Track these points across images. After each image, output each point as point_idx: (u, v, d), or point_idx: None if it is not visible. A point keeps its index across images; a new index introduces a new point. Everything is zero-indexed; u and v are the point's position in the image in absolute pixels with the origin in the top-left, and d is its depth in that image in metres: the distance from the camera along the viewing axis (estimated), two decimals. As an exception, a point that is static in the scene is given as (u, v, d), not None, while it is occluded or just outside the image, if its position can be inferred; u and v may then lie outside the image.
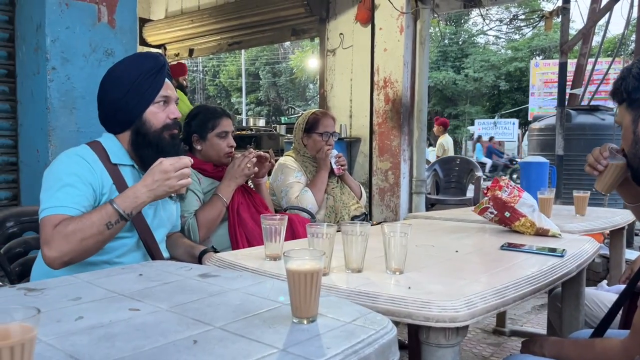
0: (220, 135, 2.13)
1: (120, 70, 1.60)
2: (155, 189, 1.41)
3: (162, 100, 1.59)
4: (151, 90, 1.57)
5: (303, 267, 0.86)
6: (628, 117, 1.26)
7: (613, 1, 4.78)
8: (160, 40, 6.81)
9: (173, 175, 1.42)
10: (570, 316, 1.71)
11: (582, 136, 5.13)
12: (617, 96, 1.30)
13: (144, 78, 1.56)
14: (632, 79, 1.23)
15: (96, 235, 1.37)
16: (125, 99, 1.56)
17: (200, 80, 30.28)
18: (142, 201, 1.42)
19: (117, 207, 1.39)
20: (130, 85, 1.55)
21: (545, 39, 22.14)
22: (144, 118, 1.57)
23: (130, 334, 0.81)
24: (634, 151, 1.27)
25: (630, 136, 1.26)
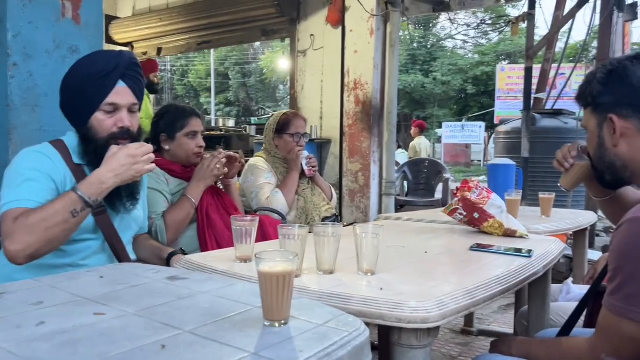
0: (189, 135, 2.09)
1: (71, 70, 1.52)
2: (122, 174, 1.38)
3: (109, 107, 1.48)
4: (96, 96, 1.47)
5: (275, 269, 0.85)
6: (593, 121, 1.28)
7: (576, 8, 4.91)
8: (127, 39, 6.68)
9: (141, 159, 1.39)
10: (536, 316, 1.74)
11: (546, 139, 5.26)
12: (583, 100, 1.32)
13: (90, 82, 1.46)
14: (596, 84, 1.24)
15: (61, 223, 1.32)
16: (72, 103, 1.50)
17: (168, 79, 29.85)
18: (107, 186, 1.37)
19: (82, 194, 1.34)
20: (77, 88, 1.48)
21: (511, 44, 22.63)
22: (90, 124, 1.49)
23: (95, 339, 0.78)
24: (599, 154, 1.29)
25: (596, 140, 1.28)
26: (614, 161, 1.25)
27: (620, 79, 1.20)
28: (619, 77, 1.21)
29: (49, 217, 1.30)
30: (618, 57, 1.28)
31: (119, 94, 1.50)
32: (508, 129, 5.82)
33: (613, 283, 1.05)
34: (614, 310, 1.03)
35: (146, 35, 6.53)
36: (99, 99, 1.48)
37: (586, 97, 1.28)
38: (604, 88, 1.23)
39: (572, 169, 1.56)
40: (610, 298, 1.05)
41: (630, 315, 1.00)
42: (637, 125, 1.19)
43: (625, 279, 1.02)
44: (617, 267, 1.04)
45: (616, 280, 1.04)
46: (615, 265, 1.05)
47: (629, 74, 1.20)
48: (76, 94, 1.49)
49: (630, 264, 1.02)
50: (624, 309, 1.01)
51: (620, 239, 1.05)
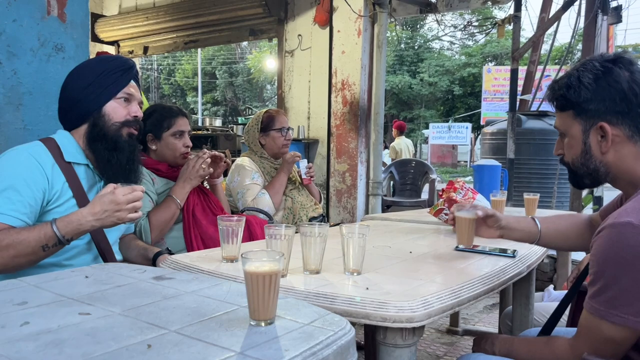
0: (176, 135, 2.08)
1: (87, 63, 1.62)
2: (103, 219, 1.37)
3: (125, 97, 1.58)
4: (115, 85, 1.57)
5: (261, 268, 0.85)
6: (577, 127, 1.22)
7: (561, 11, 4.96)
8: (113, 37, 6.63)
9: (125, 207, 1.38)
10: (520, 315, 1.76)
11: (531, 140, 5.31)
12: (560, 102, 1.25)
13: (110, 73, 1.56)
14: (584, 89, 1.18)
15: (29, 255, 1.33)
16: (87, 90, 1.54)
17: (154, 78, 29.65)
18: (85, 229, 1.38)
19: (57, 231, 1.34)
20: (94, 77, 1.55)
21: (497, 46, 22.82)
22: (104, 111, 1.55)
23: (80, 339, 0.78)
24: (583, 161, 1.23)
25: (580, 146, 1.22)
26: (599, 168, 1.21)
27: (610, 85, 1.16)
28: (608, 83, 1.16)
29: (20, 245, 1.31)
30: (596, 58, 1.20)
31: (134, 88, 1.62)
32: (494, 130, 5.87)
33: (594, 286, 1.06)
34: (595, 312, 1.05)
35: (132, 33, 6.48)
36: (117, 88, 1.57)
37: (566, 100, 1.22)
38: (593, 94, 1.17)
39: (462, 225, 1.47)
40: (592, 301, 1.07)
41: (610, 318, 1.02)
42: (625, 132, 1.17)
43: (606, 283, 1.04)
44: (598, 272, 1.06)
45: (597, 284, 1.06)
46: (596, 270, 1.06)
47: (619, 79, 1.15)
48: (94, 82, 1.54)
49: (610, 269, 1.03)
50: (604, 312, 1.03)
51: (600, 243, 1.06)
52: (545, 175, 5.24)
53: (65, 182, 1.47)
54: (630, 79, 1.15)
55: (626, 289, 1.01)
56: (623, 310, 1.01)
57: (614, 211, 1.10)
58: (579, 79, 1.19)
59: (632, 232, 1.01)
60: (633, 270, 1.00)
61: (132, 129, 1.59)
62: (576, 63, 1.22)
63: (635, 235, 1.01)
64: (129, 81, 1.60)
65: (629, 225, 1.02)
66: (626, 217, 1.03)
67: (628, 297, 1.01)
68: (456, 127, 19.63)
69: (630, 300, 1.01)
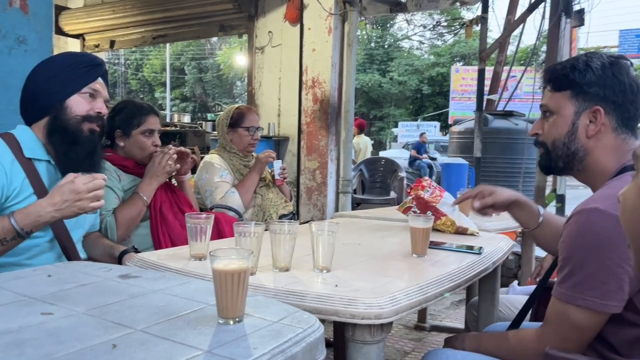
0: (146, 133, 2.04)
1: (54, 57, 1.59)
2: (63, 209, 1.32)
3: (90, 92, 1.55)
4: (81, 79, 1.54)
5: (230, 266, 0.85)
6: (570, 107, 1.24)
7: (526, 13, 5.07)
8: (78, 30, 6.47)
9: (85, 196, 1.33)
10: (486, 311, 1.79)
11: (497, 139, 5.42)
12: (559, 82, 1.27)
13: (77, 67, 1.53)
14: (590, 72, 1.21)
15: None
16: (51, 82, 1.51)
17: (122, 73, 29.07)
18: (45, 220, 1.33)
19: (15, 224, 1.30)
20: (60, 70, 1.52)
21: (465, 46, 23.18)
22: (66, 104, 1.51)
23: (42, 339, 0.76)
24: (565, 140, 1.26)
25: (568, 127, 1.25)
26: (578, 151, 1.24)
27: (614, 75, 1.20)
28: (614, 73, 1.20)
29: None
30: (602, 53, 1.26)
31: (100, 85, 1.59)
32: (461, 129, 5.97)
33: (562, 272, 1.09)
34: (562, 298, 1.08)
35: (99, 27, 6.33)
36: (82, 83, 1.54)
37: (569, 80, 1.24)
38: (597, 79, 1.21)
39: (415, 235, 1.47)
40: (559, 287, 1.10)
41: (577, 302, 1.05)
42: (612, 123, 1.21)
43: (573, 268, 1.07)
44: (566, 257, 1.09)
45: (565, 269, 1.09)
46: (565, 256, 1.10)
47: (622, 72, 1.20)
48: (58, 74, 1.51)
49: (578, 254, 1.07)
50: (571, 296, 1.06)
51: (569, 230, 1.10)
52: (510, 173, 5.35)
53: (26, 179, 1.42)
54: (630, 77, 1.21)
55: (592, 274, 1.04)
56: (589, 294, 1.04)
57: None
58: (586, 63, 1.23)
59: (599, 218, 1.04)
60: (599, 254, 1.03)
61: (95, 125, 1.55)
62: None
63: (601, 221, 1.04)
64: (97, 78, 1.57)
65: (596, 211, 1.05)
66: (593, 203, 1.07)
67: (594, 282, 1.04)
68: (425, 125, 19.86)
69: (596, 284, 1.04)
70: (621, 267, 1.02)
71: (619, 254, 1.02)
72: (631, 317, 1.06)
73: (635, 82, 1.21)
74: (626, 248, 1.01)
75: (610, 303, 1.03)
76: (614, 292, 1.03)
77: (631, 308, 1.05)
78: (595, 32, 14.28)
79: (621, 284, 1.03)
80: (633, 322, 1.06)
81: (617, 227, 1.03)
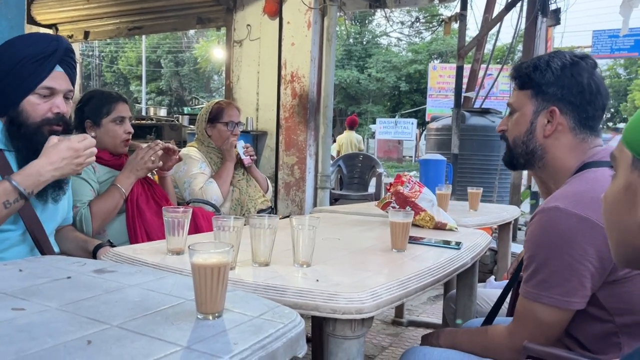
0: (116, 120, 1.99)
1: (2, 49, 1.43)
2: (62, 167, 1.32)
3: (46, 91, 1.43)
4: (33, 77, 1.41)
5: (209, 260, 0.83)
6: (530, 107, 1.27)
7: (504, 12, 5.13)
8: (51, 20, 6.31)
9: (83, 153, 1.35)
10: (463, 306, 1.81)
11: (474, 136, 5.47)
12: (521, 80, 1.29)
13: (27, 63, 1.39)
14: (549, 72, 1.23)
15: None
16: (2, 83, 1.40)
17: (96, 65, 28.53)
18: (45, 179, 1.32)
19: (17, 184, 1.27)
20: (8, 67, 1.39)
21: (443, 44, 23.35)
22: (21, 107, 1.41)
23: (13, 335, 0.73)
24: (524, 139, 1.29)
25: (527, 125, 1.28)
26: (536, 150, 1.27)
27: (572, 76, 1.22)
28: (572, 74, 1.22)
29: None
30: (567, 52, 1.27)
31: (56, 79, 1.45)
32: (439, 126, 6.00)
33: (528, 271, 1.12)
34: (528, 296, 1.10)
35: (72, 17, 6.19)
36: (35, 81, 1.41)
37: (530, 79, 1.26)
38: (556, 79, 1.23)
39: (395, 229, 1.48)
40: (525, 285, 1.12)
41: (542, 299, 1.07)
42: (569, 123, 1.23)
43: (538, 266, 1.09)
44: (531, 256, 1.11)
45: (530, 268, 1.11)
46: (530, 254, 1.12)
47: (582, 73, 1.22)
48: (8, 74, 1.40)
49: (541, 253, 1.09)
50: (536, 294, 1.08)
51: (533, 229, 1.12)
52: (486, 170, 5.41)
53: (10, 175, 1.37)
54: (590, 77, 1.22)
55: (556, 271, 1.06)
56: (553, 292, 1.06)
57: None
58: (547, 63, 1.24)
59: (560, 216, 1.06)
60: (561, 252, 1.05)
61: (55, 126, 1.45)
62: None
63: (562, 219, 1.06)
64: (52, 68, 1.44)
65: (556, 209, 1.07)
66: (554, 202, 1.09)
67: (557, 279, 1.06)
68: (402, 122, 19.95)
69: (559, 281, 1.06)
70: (582, 264, 1.04)
71: (580, 251, 1.04)
72: (596, 313, 1.09)
73: (595, 83, 1.22)
74: (587, 245, 1.04)
75: (573, 300, 1.06)
76: (575, 289, 1.05)
77: (595, 303, 1.08)
78: (570, 32, 14.48)
79: (582, 280, 1.05)
80: (598, 317, 1.09)
81: (577, 225, 1.05)
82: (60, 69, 1.47)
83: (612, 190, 0.75)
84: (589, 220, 1.04)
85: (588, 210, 1.04)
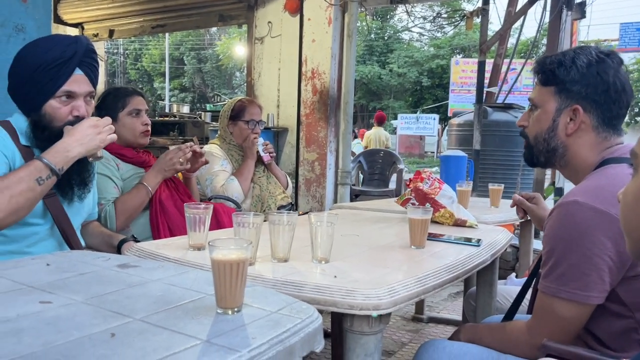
0: (132, 113, 2.03)
1: (24, 54, 1.46)
2: (87, 143, 1.38)
3: (65, 95, 1.46)
4: (53, 82, 1.44)
5: (229, 256, 0.84)
6: (553, 104, 1.25)
7: (527, 5, 5.05)
8: (77, 19, 6.43)
9: (103, 129, 1.42)
10: (483, 303, 1.80)
11: (496, 132, 5.41)
12: (545, 76, 1.27)
13: (45, 69, 1.42)
14: (575, 69, 1.21)
15: (26, 192, 1.28)
16: (24, 89, 1.45)
17: (120, 63, 28.95)
18: (73, 155, 1.37)
19: (48, 161, 1.32)
20: (29, 74, 1.43)
21: (465, 39, 23.09)
22: (43, 111, 1.45)
23: (41, 328, 0.76)
24: (546, 136, 1.27)
25: (549, 123, 1.26)
26: (558, 147, 1.26)
27: (598, 74, 1.19)
28: (598, 72, 1.19)
29: (12, 185, 1.26)
30: (593, 47, 1.24)
31: (76, 82, 1.48)
32: (461, 122, 5.95)
33: (546, 266, 1.11)
34: (547, 291, 1.09)
35: (97, 16, 6.30)
36: (54, 86, 1.45)
37: (554, 76, 1.24)
38: (581, 77, 1.20)
39: (414, 226, 1.47)
40: (544, 280, 1.11)
41: (561, 294, 1.07)
42: (592, 122, 1.21)
43: (557, 261, 1.08)
44: (549, 250, 1.11)
45: (549, 263, 1.10)
46: (548, 249, 1.11)
47: (607, 71, 1.19)
48: (29, 80, 1.43)
49: (559, 247, 1.08)
50: (555, 289, 1.08)
51: (551, 223, 1.11)
52: (509, 166, 5.35)
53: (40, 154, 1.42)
54: (616, 76, 1.19)
55: (574, 265, 1.05)
56: (572, 286, 1.06)
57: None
58: (572, 59, 1.22)
59: (578, 209, 1.06)
60: (580, 246, 1.05)
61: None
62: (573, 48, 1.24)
63: (580, 212, 1.05)
64: (72, 72, 1.46)
65: (575, 203, 1.07)
66: (572, 197, 1.09)
67: (576, 273, 1.05)
68: (424, 118, 19.79)
69: (578, 275, 1.05)
70: (601, 258, 1.04)
71: (599, 245, 1.04)
72: (616, 308, 1.07)
73: (621, 81, 1.20)
74: (605, 239, 1.02)
75: (592, 294, 1.05)
76: (594, 282, 1.04)
77: (615, 299, 1.07)
78: (596, 25, 14.15)
79: (601, 274, 1.04)
80: (617, 313, 1.08)
81: (595, 219, 1.04)
82: (80, 72, 1.49)
83: (632, 187, 0.74)
84: (607, 214, 1.03)
85: (607, 205, 1.04)
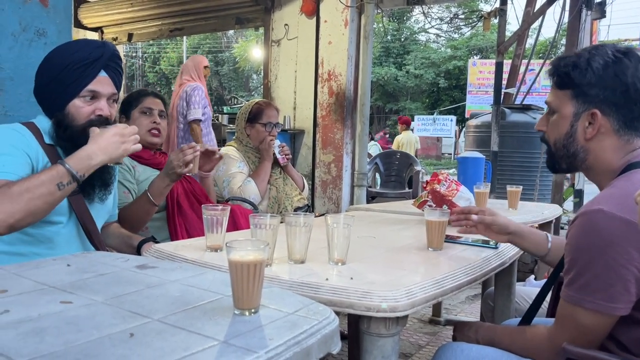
0: (143, 111, 2.07)
1: (51, 55, 1.51)
2: (111, 152, 1.37)
3: (89, 94, 1.49)
4: (78, 82, 1.47)
5: (246, 257, 0.85)
6: (570, 108, 1.21)
7: (546, 5, 5.00)
8: (97, 23, 6.53)
9: (128, 139, 1.41)
10: (502, 305, 1.78)
11: (515, 133, 5.35)
12: (561, 80, 1.22)
13: (72, 69, 1.46)
14: (591, 72, 1.16)
15: (45, 195, 1.28)
16: (49, 88, 1.49)
17: (139, 66, 29.29)
18: (95, 163, 1.36)
19: (70, 167, 1.32)
20: (56, 72, 1.47)
21: (483, 39, 22.91)
22: (67, 110, 1.48)
23: (62, 327, 0.77)
24: (565, 142, 1.23)
25: (567, 128, 1.22)
26: (578, 153, 1.22)
27: (616, 75, 1.15)
28: (615, 73, 1.15)
29: (33, 187, 1.27)
30: (609, 46, 1.19)
31: (100, 83, 1.51)
32: (478, 123, 5.90)
33: (569, 274, 1.08)
34: (570, 300, 1.07)
35: (117, 20, 6.39)
36: (79, 86, 1.48)
37: (570, 79, 1.19)
38: (597, 80, 1.16)
39: (431, 228, 1.46)
40: (567, 289, 1.09)
41: (584, 304, 1.04)
42: (612, 125, 1.17)
43: (580, 271, 1.06)
44: (572, 259, 1.08)
45: (572, 272, 1.08)
46: (571, 257, 1.08)
47: (626, 72, 1.14)
48: (55, 79, 1.47)
49: (583, 256, 1.05)
50: (579, 298, 1.05)
51: (574, 232, 1.08)
52: (527, 168, 5.29)
53: (49, 162, 1.44)
54: (634, 75, 1.14)
55: (598, 275, 1.03)
56: (596, 296, 1.03)
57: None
58: (588, 62, 1.17)
59: (603, 218, 1.03)
60: (604, 256, 1.02)
61: (98, 127, 1.49)
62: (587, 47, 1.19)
63: (605, 222, 1.02)
64: (97, 74, 1.50)
65: (600, 212, 1.03)
66: (597, 205, 1.05)
67: (600, 283, 1.03)
68: (441, 119, 19.72)
69: (602, 285, 1.02)
70: (626, 268, 1.01)
71: (624, 255, 1.00)
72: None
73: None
74: (632, 249, 1.00)
75: (618, 305, 1.02)
76: (620, 294, 1.02)
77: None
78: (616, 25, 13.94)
79: (627, 285, 1.01)
80: None
81: (621, 228, 1.01)
82: (104, 74, 1.53)
83: None
84: (634, 223, 1.00)
85: (633, 214, 1.01)
